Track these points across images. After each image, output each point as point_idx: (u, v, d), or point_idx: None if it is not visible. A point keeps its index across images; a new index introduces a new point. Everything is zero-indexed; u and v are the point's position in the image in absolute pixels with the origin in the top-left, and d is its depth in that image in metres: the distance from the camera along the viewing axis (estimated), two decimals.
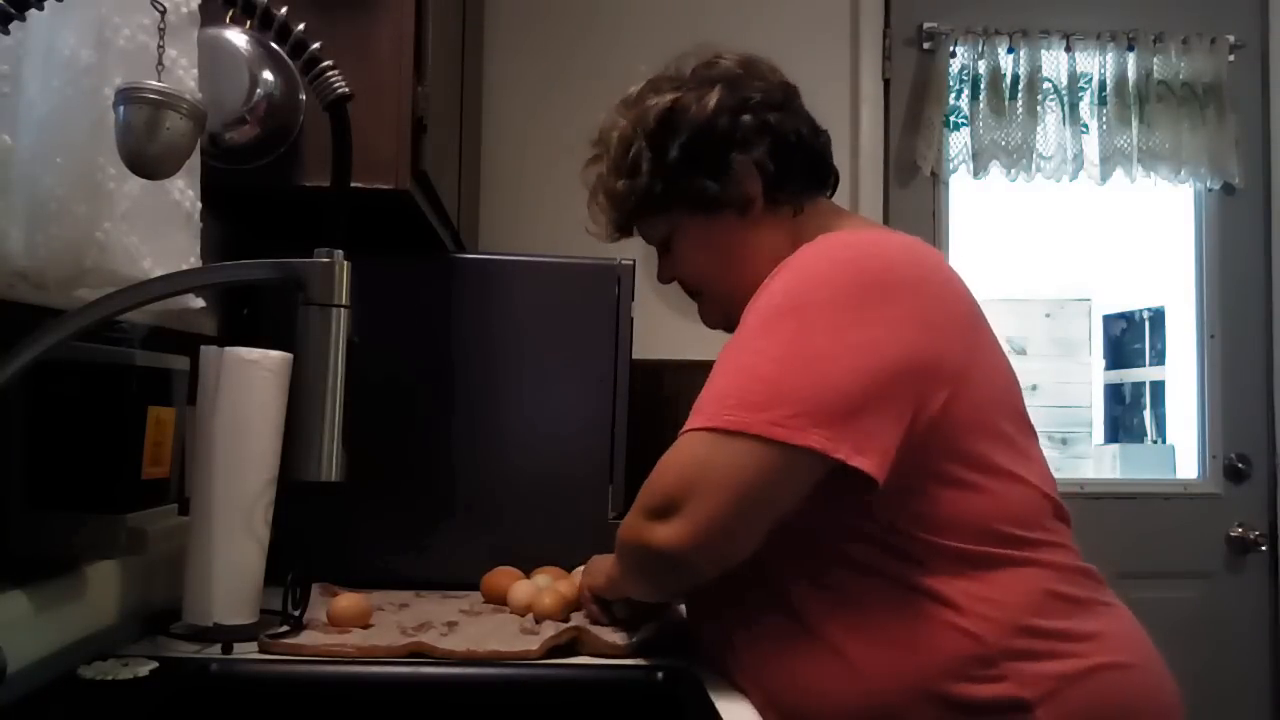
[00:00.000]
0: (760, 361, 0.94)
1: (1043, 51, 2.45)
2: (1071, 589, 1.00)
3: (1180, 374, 2.65)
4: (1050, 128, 2.44)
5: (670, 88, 1.14)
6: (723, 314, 1.17)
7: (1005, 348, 1.09)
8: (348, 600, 1.24)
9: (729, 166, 1.11)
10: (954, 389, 0.97)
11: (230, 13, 0.83)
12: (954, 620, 0.95)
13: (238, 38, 1.24)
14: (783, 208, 1.13)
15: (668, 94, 1.13)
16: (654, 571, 0.99)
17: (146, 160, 0.85)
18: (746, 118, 1.11)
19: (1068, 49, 2.46)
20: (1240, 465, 2.49)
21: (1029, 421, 1.08)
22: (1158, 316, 2.79)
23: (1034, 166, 2.43)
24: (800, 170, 1.14)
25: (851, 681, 0.96)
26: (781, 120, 1.12)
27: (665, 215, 1.16)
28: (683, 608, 1.23)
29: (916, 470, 0.96)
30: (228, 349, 1.18)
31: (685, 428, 0.94)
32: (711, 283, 1.18)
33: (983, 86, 2.43)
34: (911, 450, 0.95)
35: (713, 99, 1.11)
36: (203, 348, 1.20)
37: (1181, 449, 2.64)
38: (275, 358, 1.18)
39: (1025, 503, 1.01)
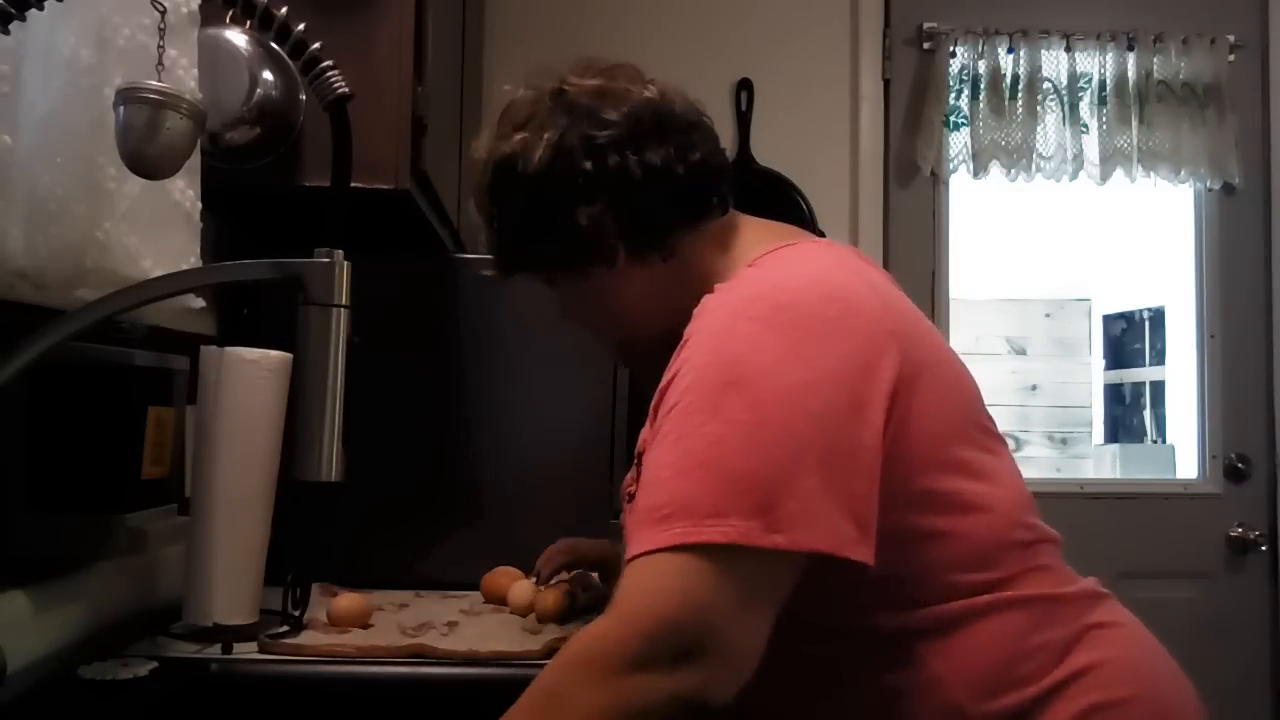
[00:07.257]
0: (719, 451, 0.80)
1: (1043, 51, 2.45)
2: (1052, 626, 0.90)
3: (1180, 374, 2.65)
4: (1050, 128, 2.44)
5: (515, 124, 1.01)
6: (621, 356, 1.10)
7: (1005, 348, 1.04)
8: (348, 600, 1.24)
9: (574, 224, 0.98)
10: (895, 427, 0.85)
11: (230, 13, 0.83)
12: (931, 701, 0.87)
13: (238, 38, 1.24)
14: (650, 255, 1.00)
15: (511, 137, 1.00)
16: None
17: (146, 160, 0.85)
18: (588, 164, 0.97)
19: (1068, 49, 2.45)
20: (1240, 465, 2.49)
21: (992, 430, 0.98)
22: (1158, 316, 2.79)
23: (1034, 166, 2.42)
24: (662, 210, 0.99)
25: None
26: (629, 162, 0.97)
27: (531, 271, 1.07)
28: None
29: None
30: (228, 349, 1.18)
31: (649, 544, 0.77)
32: (599, 332, 1.10)
33: (983, 86, 2.43)
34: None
35: (542, 149, 0.97)
36: (203, 348, 1.20)
37: (1181, 449, 2.64)
38: (275, 358, 1.18)
39: (988, 535, 0.91)
